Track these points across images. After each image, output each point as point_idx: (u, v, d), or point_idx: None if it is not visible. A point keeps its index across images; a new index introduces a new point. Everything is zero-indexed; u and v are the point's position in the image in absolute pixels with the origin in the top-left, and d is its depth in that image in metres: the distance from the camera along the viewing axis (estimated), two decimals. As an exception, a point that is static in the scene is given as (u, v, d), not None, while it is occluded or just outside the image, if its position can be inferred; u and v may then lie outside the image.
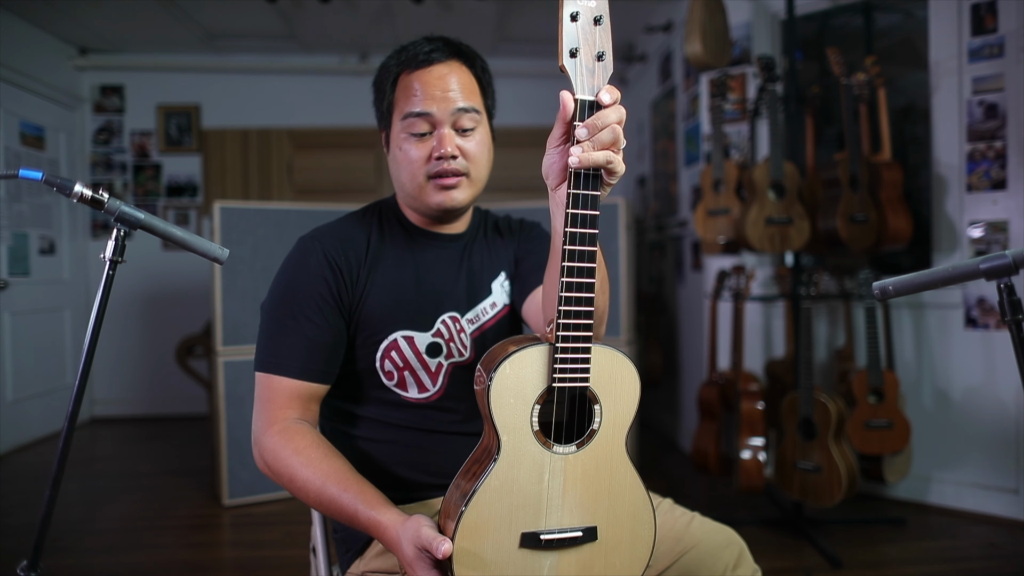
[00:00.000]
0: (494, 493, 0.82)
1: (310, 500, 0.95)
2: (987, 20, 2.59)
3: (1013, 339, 0.93)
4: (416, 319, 1.08)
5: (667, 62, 3.97)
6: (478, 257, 1.18)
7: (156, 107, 4.73)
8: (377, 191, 4.80)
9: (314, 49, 4.68)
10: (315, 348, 1.01)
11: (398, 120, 1.07)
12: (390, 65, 1.09)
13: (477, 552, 0.82)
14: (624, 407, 0.88)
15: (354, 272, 1.06)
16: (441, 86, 1.04)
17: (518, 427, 0.83)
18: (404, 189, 1.10)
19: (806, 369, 2.37)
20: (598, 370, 0.85)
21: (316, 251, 1.05)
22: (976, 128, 2.63)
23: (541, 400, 0.83)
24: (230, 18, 4.13)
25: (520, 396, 0.83)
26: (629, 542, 0.88)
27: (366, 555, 1.06)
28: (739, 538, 1.08)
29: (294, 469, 0.95)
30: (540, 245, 1.20)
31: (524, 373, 0.83)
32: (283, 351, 1.01)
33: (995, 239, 2.60)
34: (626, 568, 0.87)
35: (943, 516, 2.66)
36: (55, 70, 4.37)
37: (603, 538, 0.86)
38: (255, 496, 2.87)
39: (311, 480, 0.94)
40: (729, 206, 2.61)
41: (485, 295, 1.16)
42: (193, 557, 2.44)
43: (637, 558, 0.88)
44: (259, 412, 1.01)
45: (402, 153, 1.06)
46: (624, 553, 0.87)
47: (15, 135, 3.98)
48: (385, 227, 1.14)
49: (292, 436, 0.97)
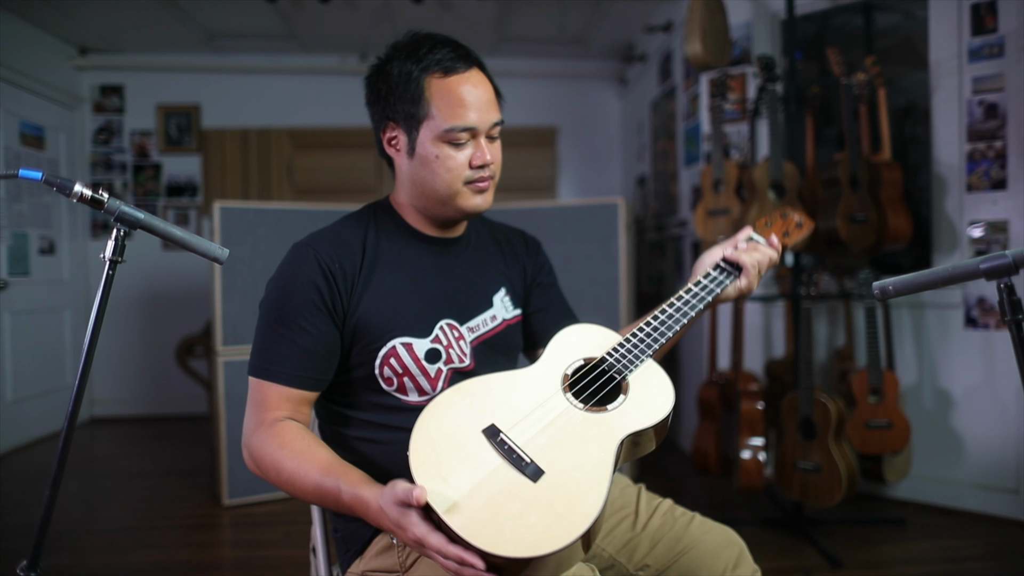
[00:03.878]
0: (505, 379, 0.98)
1: (296, 491, 0.96)
2: (987, 20, 2.59)
3: (1013, 339, 0.93)
4: (414, 325, 1.08)
5: (667, 62, 3.97)
6: (476, 265, 1.18)
7: (156, 107, 4.73)
8: (377, 191, 4.80)
9: (314, 49, 4.68)
10: (306, 356, 1.02)
11: (435, 128, 1.05)
12: (410, 69, 1.06)
13: (439, 453, 0.88)
14: (641, 416, 0.94)
15: (349, 278, 1.06)
16: (480, 97, 1.06)
17: (559, 363, 1.02)
18: (434, 194, 1.08)
19: (806, 369, 2.37)
20: (645, 376, 0.99)
21: (309, 258, 1.05)
22: (976, 128, 2.63)
23: (589, 362, 1.01)
24: (230, 18, 4.13)
25: (581, 348, 1.04)
26: (557, 514, 0.82)
27: (366, 555, 1.06)
28: (739, 538, 1.08)
29: (280, 462, 0.96)
30: (548, 276, 1.29)
31: (595, 337, 1.05)
32: (274, 357, 1.02)
33: (995, 239, 2.60)
34: (533, 530, 0.80)
35: (943, 516, 2.66)
36: (55, 70, 4.37)
37: (540, 488, 0.84)
38: (255, 496, 2.87)
39: (296, 471, 0.95)
40: (729, 206, 2.61)
41: (485, 307, 1.16)
42: (193, 557, 2.44)
43: (551, 532, 0.80)
44: (249, 415, 1.03)
45: (439, 161, 1.06)
46: (545, 516, 0.82)
47: (15, 135, 3.98)
48: (381, 230, 1.13)
49: (278, 433, 0.99)
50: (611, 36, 4.48)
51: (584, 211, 2.95)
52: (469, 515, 0.82)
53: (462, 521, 0.81)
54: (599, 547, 1.10)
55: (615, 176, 5.13)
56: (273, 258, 2.78)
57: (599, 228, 2.92)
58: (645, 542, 1.08)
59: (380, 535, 1.05)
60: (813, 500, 2.38)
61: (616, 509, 1.13)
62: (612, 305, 2.90)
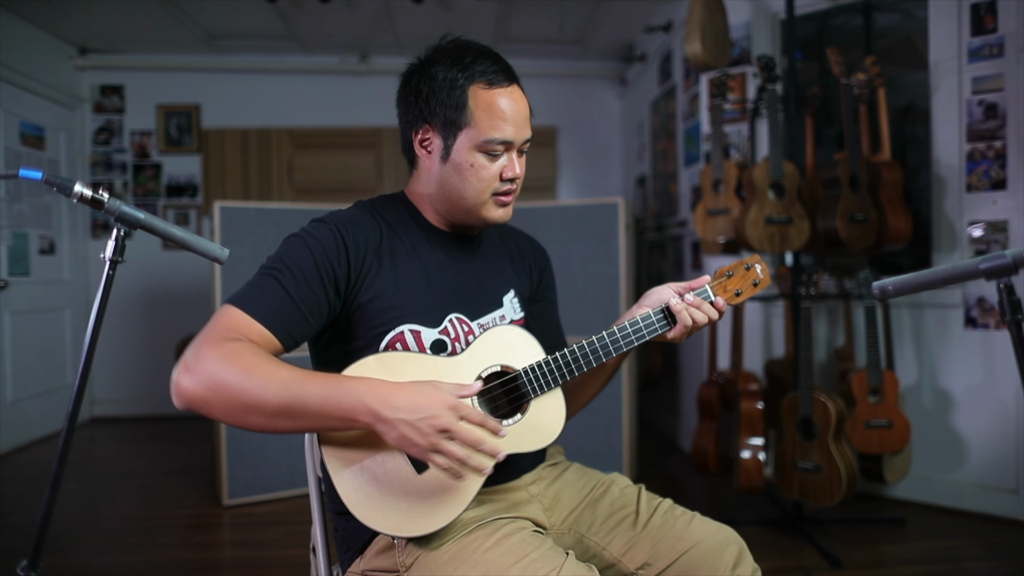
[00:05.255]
0: (425, 362, 1.04)
1: (269, 394, 0.88)
2: (987, 20, 2.59)
3: (1013, 339, 0.93)
4: (425, 314, 1.08)
5: (667, 62, 3.97)
6: (489, 264, 1.20)
7: (156, 107, 4.73)
8: (377, 191, 4.79)
9: (314, 49, 4.68)
10: (289, 305, 0.97)
11: (474, 137, 1.06)
12: (455, 76, 1.06)
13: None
14: (525, 441, 1.06)
15: (362, 256, 1.06)
16: (519, 113, 1.08)
17: (478, 362, 1.08)
18: (461, 201, 1.10)
19: (806, 369, 2.37)
20: (545, 404, 1.08)
21: (326, 228, 1.06)
22: (976, 128, 2.63)
23: (506, 371, 1.08)
24: (230, 18, 4.13)
25: (504, 353, 1.09)
26: (427, 506, 0.98)
27: (366, 554, 1.06)
28: (739, 537, 1.08)
29: (253, 364, 0.88)
30: (551, 291, 1.32)
31: (521, 347, 1.10)
32: (256, 293, 0.97)
33: (995, 239, 2.60)
34: (404, 515, 0.97)
35: (943, 516, 2.66)
36: (55, 70, 4.37)
37: (423, 480, 0.99)
38: (255, 496, 2.87)
39: (274, 370, 0.89)
40: (729, 206, 2.61)
41: (496, 306, 1.17)
42: (193, 557, 2.44)
43: (417, 522, 0.97)
44: (203, 332, 0.92)
45: (473, 170, 1.07)
46: (416, 506, 0.97)
47: (15, 135, 3.98)
48: (398, 221, 1.14)
49: (242, 345, 0.90)
50: (611, 36, 4.48)
51: (584, 211, 2.95)
52: (354, 486, 0.97)
53: (346, 489, 0.97)
54: (599, 546, 1.10)
55: (615, 176, 5.13)
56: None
57: (599, 228, 2.92)
58: (645, 541, 1.08)
59: (380, 535, 1.05)
60: (813, 500, 2.38)
61: (617, 509, 1.14)
62: (612, 305, 2.90)
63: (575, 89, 4.99)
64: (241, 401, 0.87)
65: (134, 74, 4.70)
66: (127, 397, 4.71)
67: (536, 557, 0.94)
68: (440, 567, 0.96)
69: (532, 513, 1.11)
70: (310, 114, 4.79)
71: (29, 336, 4.02)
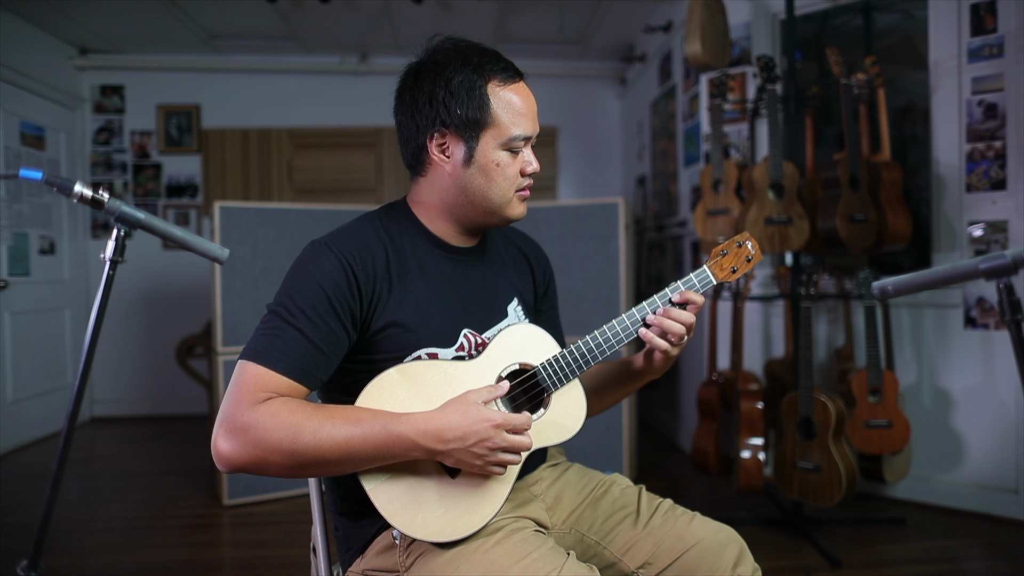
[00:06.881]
0: (446, 369, 1.04)
1: (324, 450, 0.90)
2: (987, 20, 2.59)
3: (1013, 339, 0.93)
4: (439, 336, 1.06)
5: (667, 62, 3.98)
6: (490, 276, 1.17)
7: (156, 107, 4.73)
8: (377, 191, 4.80)
9: (314, 49, 4.68)
10: (310, 350, 0.96)
11: (498, 136, 1.05)
12: (472, 78, 1.04)
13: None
14: (552, 434, 1.07)
15: (371, 283, 1.03)
16: (533, 107, 1.10)
17: (497, 363, 1.08)
18: (486, 202, 1.08)
19: (806, 369, 2.37)
20: (566, 396, 1.09)
21: (331, 257, 1.02)
22: (976, 128, 2.63)
23: (524, 368, 1.08)
24: (230, 18, 4.13)
25: (521, 351, 1.09)
26: (461, 509, 0.99)
27: (367, 553, 1.06)
28: (739, 537, 1.08)
29: (299, 425, 0.90)
30: (553, 298, 1.32)
31: (536, 343, 1.10)
32: (276, 344, 0.95)
33: (995, 239, 2.60)
34: (441, 520, 0.98)
35: (943, 516, 2.66)
36: (55, 70, 4.37)
37: (456, 484, 1.01)
38: (255, 496, 2.88)
39: (320, 426, 0.90)
40: (729, 206, 2.61)
41: (501, 316, 1.15)
42: (193, 557, 2.44)
43: (454, 525, 0.99)
44: (233, 396, 0.92)
45: (499, 169, 1.06)
46: (452, 509, 0.99)
47: (15, 135, 3.98)
48: (402, 235, 1.10)
49: (279, 404, 0.92)
50: (611, 36, 4.48)
51: (584, 211, 2.95)
52: (390, 497, 0.97)
53: (383, 501, 0.97)
54: (600, 546, 1.10)
55: (615, 176, 5.13)
56: (273, 258, 2.78)
57: (599, 228, 2.92)
58: (646, 541, 1.08)
59: (381, 535, 1.05)
60: (813, 500, 2.39)
61: (617, 508, 1.14)
62: (612, 305, 2.90)
63: (575, 89, 4.99)
64: (295, 461, 0.91)
65: (134, 74, 4.70)
66: (127, 397, 4.71)
67: (537, 557, 0.94)
68: (441, 566, 0.97)
69: (534, 513, 1.11)
70: (310, 114, 4.79)
71: (29, 336, 4.01)
